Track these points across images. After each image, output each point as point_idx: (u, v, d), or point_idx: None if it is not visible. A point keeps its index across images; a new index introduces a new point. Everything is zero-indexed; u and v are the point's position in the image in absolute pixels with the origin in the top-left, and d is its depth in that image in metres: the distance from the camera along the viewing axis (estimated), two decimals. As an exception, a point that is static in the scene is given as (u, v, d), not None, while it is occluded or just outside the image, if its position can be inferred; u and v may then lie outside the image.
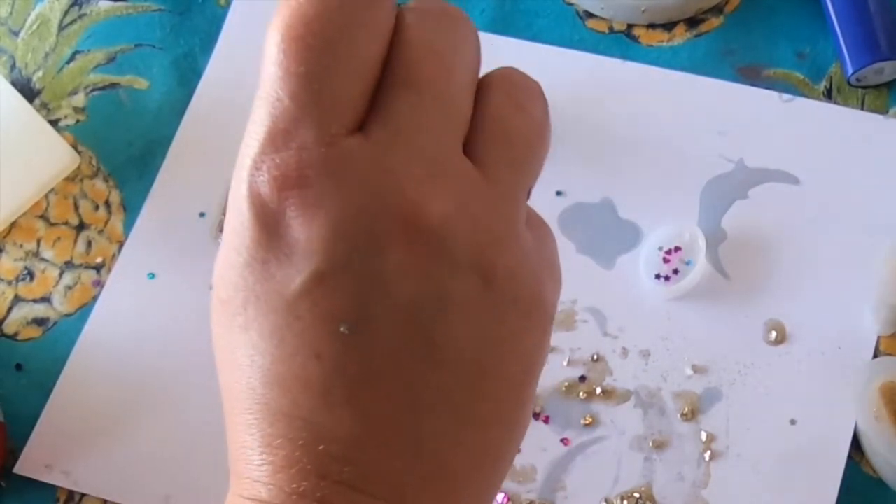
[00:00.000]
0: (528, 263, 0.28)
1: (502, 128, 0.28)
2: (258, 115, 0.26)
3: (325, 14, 0.26)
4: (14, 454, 0.62)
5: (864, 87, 0.64)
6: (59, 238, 0.67)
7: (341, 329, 0.25)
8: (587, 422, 0.59)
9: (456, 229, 0.26)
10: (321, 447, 0.25)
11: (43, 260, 0.67)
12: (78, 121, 0.70)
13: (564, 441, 0.59)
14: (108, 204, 0.68)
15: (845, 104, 0.64)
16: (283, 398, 0.26)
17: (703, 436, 0.58)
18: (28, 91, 0.71)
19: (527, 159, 0.29)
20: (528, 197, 0.29)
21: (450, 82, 0.28)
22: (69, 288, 0.66)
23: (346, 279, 0.25)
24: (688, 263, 0.60)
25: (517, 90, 0.29)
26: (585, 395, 0.60)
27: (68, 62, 0.72)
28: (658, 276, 0.60)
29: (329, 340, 0.25)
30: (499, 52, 0.68)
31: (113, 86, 0.71)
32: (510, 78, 0.29)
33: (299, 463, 0.25)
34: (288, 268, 0.26)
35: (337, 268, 0.25)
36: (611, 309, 0.61)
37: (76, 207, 0.68)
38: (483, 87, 0.29)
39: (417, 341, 0.26)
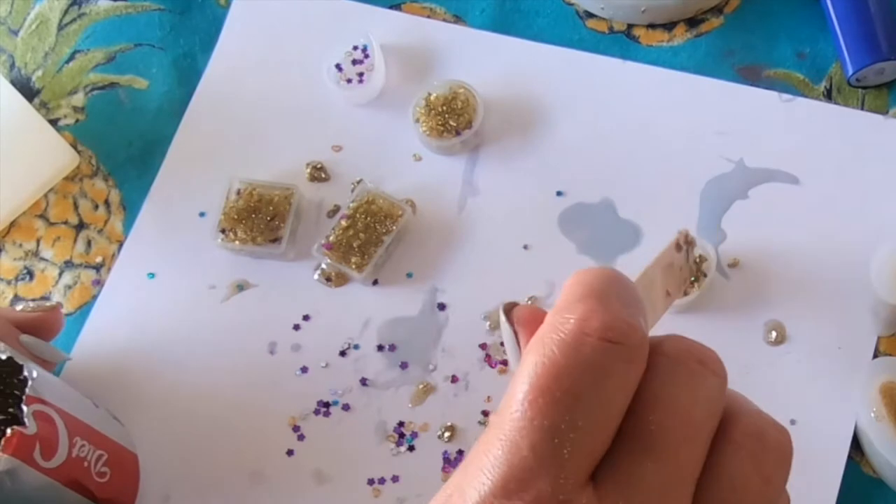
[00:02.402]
0: None
1: (740, 500, 0.27)
2: (495, 453, 0.26)
3: (578, 369, 0.26)
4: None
5: (865, 88, 0.64)
6: (58, 237, 0.67)
7: None
8: (587, 422, 0.59)
9: None
10: None
11: (42, 259, 0.67)
12: (77, 120, 0.70)
13: (564, 441, 0.59)
14: (107, 203, 0.68)
15: (845, 104, 0.64)
16: None
17: (703, 436, 0.58)
18: (27, 90, 0.71)
19: None
20: None
21: (693, 446, 0.27)
22: (69, 287, 0.66)
23: None
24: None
25: (767, 455, 0.28)
26: (585, 394, 0.59)
27: (68, 61, 0.72)
28: (658, 276, 0.60)
29: None
30: (499, 52, 0.68)
31: (112, 85, 0.71)
32: (761, 437, 0.28)
33: None
34: None
35: None
36: (611, 309, 0.61)
37: (76, 207, 0.68)
38: (727, 438, 0.28)
39: None
